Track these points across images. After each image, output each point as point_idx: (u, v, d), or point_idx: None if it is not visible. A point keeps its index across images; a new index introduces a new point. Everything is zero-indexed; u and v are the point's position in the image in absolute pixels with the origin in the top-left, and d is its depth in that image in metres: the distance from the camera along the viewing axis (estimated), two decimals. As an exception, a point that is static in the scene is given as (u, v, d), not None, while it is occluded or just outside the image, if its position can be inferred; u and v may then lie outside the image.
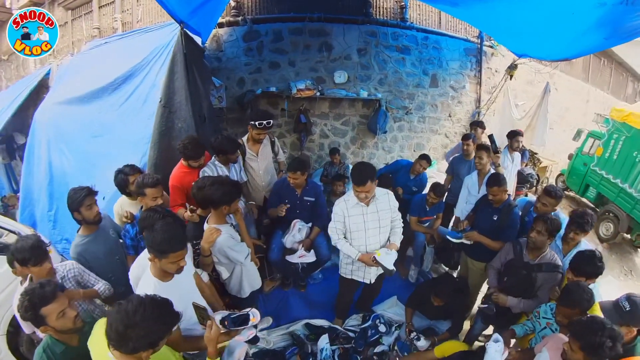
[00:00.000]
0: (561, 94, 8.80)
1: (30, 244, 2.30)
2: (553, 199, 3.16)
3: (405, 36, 6.90)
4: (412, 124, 7.26)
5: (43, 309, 1.85)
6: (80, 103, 5.13)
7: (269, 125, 3.81)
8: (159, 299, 1.67)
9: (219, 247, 2.75)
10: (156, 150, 3.99)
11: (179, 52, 4.10)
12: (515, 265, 2.95)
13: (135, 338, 1.52)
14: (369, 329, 3.64)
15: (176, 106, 4.05)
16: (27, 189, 5.42)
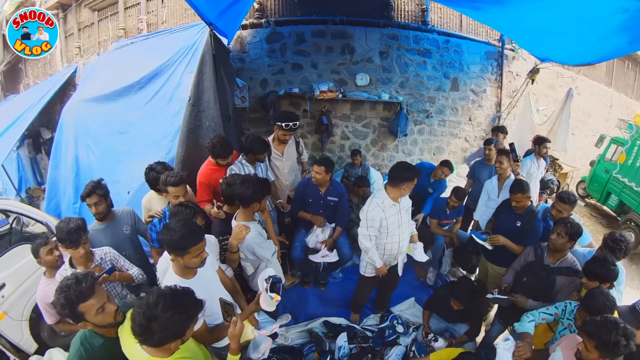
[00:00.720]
0: (583, 98, 8.67)
1: (69, 227, 2.45)
2: (567, 204, 3.20)
3: (427, 39, 6.89)
4: (433, 127, 7.25)
5: (81, 306, 1.77)
6: (107, 101, 5.29)
7: (295, 126, 3.90)
8: (179, 289, 1.68)
9: (247, 244, 2.82)
10: (184, 147, 4.10)
11: (208, 52, 4.19)
12: (535, 267, 2.97)
13: (159, 330, 1.53)
14: (386, 329, 3.69)
15: (204, 105, 4.14)
16: (53, 181, 5.61)
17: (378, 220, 3.08)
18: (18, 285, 3.54)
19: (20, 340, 3.47)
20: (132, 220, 3.28)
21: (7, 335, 3.38)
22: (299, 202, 3.93)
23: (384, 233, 3.16)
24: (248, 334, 2.85)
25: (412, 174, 3.07)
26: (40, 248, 2.75)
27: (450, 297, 3.35)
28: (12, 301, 3.48)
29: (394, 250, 3.27)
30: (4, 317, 3.40)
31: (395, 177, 3.06)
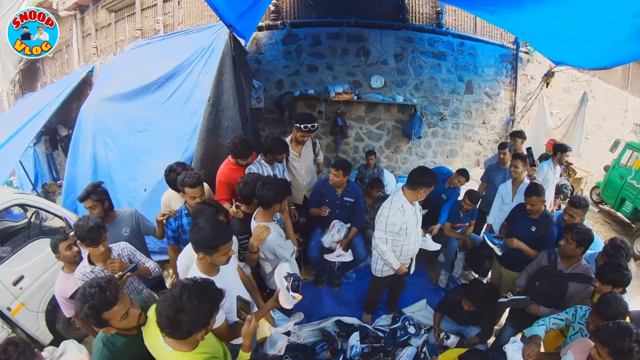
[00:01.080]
0: (598, 102, 8.58)
1: (89, 226, 2.46)
2: (578, 208, 3.19)
3: (441, 42, 6.90)
4: (446, 130, 7.25)
5: (106, 313, 1.74)
6: (125, 100, 5.38)
7: (313, 128, 3.95)
8: (200, 280, 1.72)
9: (268, 244, 2.87)
10: (203, 146, 4.17)
11: (227, 54, 4.25)
12: (547, 272, 2.96)
13: (187, 321, 1.57)
14: (398, 330, 3.72)
15: (224, 105, 4.21)
16: (70, 177, 5.73)
17: (399, 224, 3.10)
18: (36, 278, 3.62)
19: (36, 331, 3.55)
20: (133, 222, 3.29)
21: (24, 326, 3.46)
22: (316, 203, 3.97)
23: (402, 235, 3.18)
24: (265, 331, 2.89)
25: (431, 179, 3.09)
26: (60, 243, 2.80)
27: (463, 298, 3.36)
28: (29, 293, 3.56)
29: (410, 250, 3.31)
30: (22, 308, 3.47)
31: (414, 182, 3.08)
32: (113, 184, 5.17)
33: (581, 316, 2.50)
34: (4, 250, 3.91)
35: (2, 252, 3.83)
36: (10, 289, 3.42)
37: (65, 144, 8.90)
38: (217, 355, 1.88)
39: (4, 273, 3.43)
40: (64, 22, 9.41)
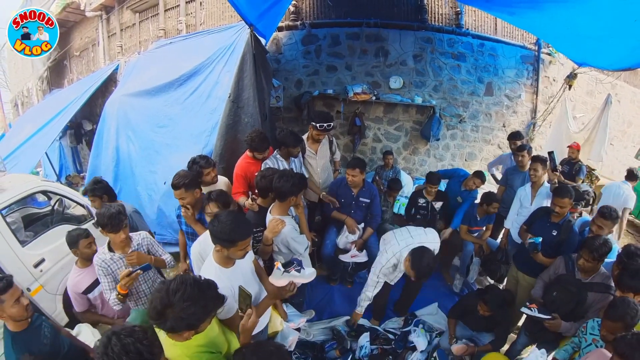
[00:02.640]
0: (623, 106, 8.30)
1: (111, 212, 2.53)
2: (608, 220, 3.08)
3: (461, 43, 6.82)
4: (465, 132, 7.16)
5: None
6: (148, 96, 5.54)
7: (329, 127, 3.96)
8: (202, 281, 1.65)
9: (282, 237, 2.89)
10: (222, 141, 4.29)
11: (248, 52, 4.34)
12: (565, 281, 2.88)
13: (172, 318, 1.52)
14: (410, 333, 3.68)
15: (244, 102, 4.30)
16: (93, 168, 5.92)
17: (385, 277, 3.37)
18: (56, 262, 3.72)
19: (53, 312, 3.63)
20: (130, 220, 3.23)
21: (42, 307, 3.52)
22: None
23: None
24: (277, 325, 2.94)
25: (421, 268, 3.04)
26: (81, 240, 2.86)
27: (479, 302, 3.29)
28: (49, 276, 3.65)
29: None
30: (41, 290, 3.56)
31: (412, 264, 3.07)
32: (134, 176, 5.36)
33: (591, 327, 2.47)
34: (27, 234, 4.12)
35: (26, 236, 4.02)
36: (31, 271, 3.52)
37: (89, 138, 9.20)
38: (212, 349, 1.84)
39: (26, 255, 3.53)
40: (90, 22, 9.74)
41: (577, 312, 2.76)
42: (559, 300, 2.81)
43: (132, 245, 2.73)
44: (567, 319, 2.77)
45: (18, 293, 2.07)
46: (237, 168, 3.71)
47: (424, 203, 4.45)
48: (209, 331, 1.78)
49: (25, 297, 2.12)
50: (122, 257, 2.64)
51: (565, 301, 2.78)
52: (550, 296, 2.90)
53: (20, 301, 2.06)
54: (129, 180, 5.46)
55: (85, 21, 9.88)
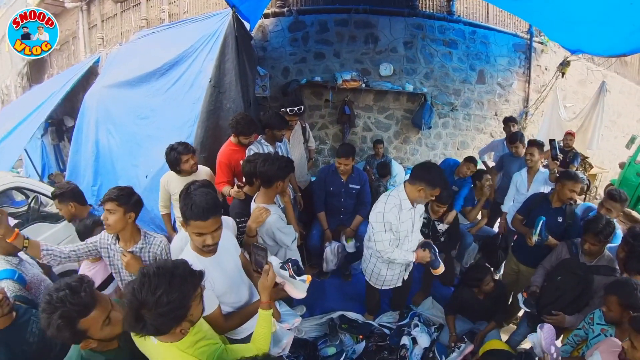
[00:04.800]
0: (614, 97, 8.21)
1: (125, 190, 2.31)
2: (617, 202, 2.97)
3: (452, 30, 6.70)
4: (457, 121, 7.04)
5: (82, 322, 1.40)
6: (129, 87, 5.34)
7: (300, 111, 3.82)
8: (166, 264, 1.41)
9: (267, 227, 2.68)
10: (203, 129, 4.11)
11: (230, 35, 4.20)
12: (570, 265, 2.75)
13: (152, 317, 1.28)
14: (405, 327, 3.51)
15: (226, 87, 4.16)
16: (73, 165, 5.75)
17: (396, 223, 2.74)
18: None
19: None
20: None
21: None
22: (321, 191, 3.81)
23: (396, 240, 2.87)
24: (269, 326, 2.71)
25: (435, 178, 2.62)
26: (97, 228, 2.66)
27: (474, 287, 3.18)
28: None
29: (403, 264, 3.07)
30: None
31: (415, 175, 2.70)
32: (115, 171, 5.15)
33: (599, 317, 2.35)
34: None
35: (1, 235, 3.82)
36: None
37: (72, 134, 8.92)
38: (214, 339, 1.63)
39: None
40: (70, 13, 9.45)
41: (584, 297, 2.63)
42: (564, 285, 2.68)
43: (138, 245, 2.32)
44: (572, 306, 2.64)
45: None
46: (221, 156, 3.53)
47: (425, 218, 3.64)
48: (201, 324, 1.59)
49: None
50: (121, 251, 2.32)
51: (571, 286, 2.64)
52: (554, 282, 2.76)
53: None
54: (110, 175, 5.24)
55: (65, 13, 9.56)
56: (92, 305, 1.40)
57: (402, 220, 2.75)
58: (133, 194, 2.32)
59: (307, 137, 4.32)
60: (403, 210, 2.73)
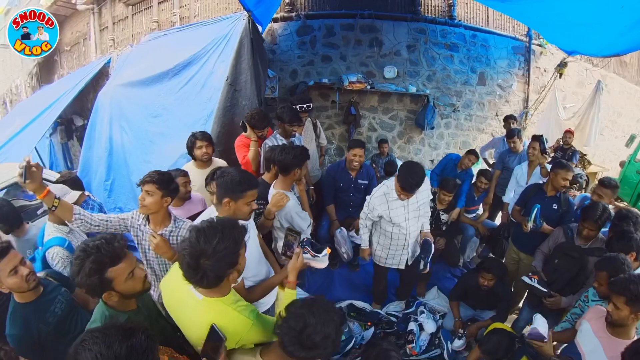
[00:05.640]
0: (613, 97, 8.43)
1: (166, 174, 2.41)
2: (607, 188, 3.22)
3: (454, 34, 6.93)
4: (459, 121, 7.27)
5: (111, 270, 1.54)
6: (142, 86, 5.48)
7: (308, 108, 4.02)
8: (215, 220, 1.59)
9: (287, 211, 2.82)
10: (220, 124, 4.29)
11: (246, 36, 4.38)
12: (566, 248, 2.95)
13: (211, 265, 1.44)
14: (412, 315, 3.70)
15: (241, 85, 4.34)
16: (86, 160, 5.83)
17: (379, 210, 3.10)
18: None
19: None
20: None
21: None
22: (330, 187, 4.01)
23: (389, 224, 3.18)
24: (284, 306, 2.92)
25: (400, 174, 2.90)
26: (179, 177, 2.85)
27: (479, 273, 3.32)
28: None
29: (400, 240, 3.26)
30: None
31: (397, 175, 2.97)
32: (127, 167, 5.30)
33: (593, 294, 2.52)
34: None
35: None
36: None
37: (81, 133, 9.05)
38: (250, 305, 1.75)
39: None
40: (82, 15, 9.62)
41: (580, 278, 2.82)
42: (561, 267, 2.88)
43: (168, 228, 2.36)
44: (569, 287, 2.84)
45: (15, 262, 1.85)
46: (238, 141, 3.73)
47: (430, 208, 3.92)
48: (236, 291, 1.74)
49: (26, 266, 1.89)
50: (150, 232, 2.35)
51: (567, 267, 2.84)
52: (551, 264, 2.97)
53: (18, 271, 1.84)
54: (123, 171, 5.38)
55: (76, 15, 9.75)
56: (122, 256, 1.57)
57: (392, 208, 3.10)
58: (173, 181, 2.39)
59: (319, 133, 4.51)
60: (391, 200, 3.07)
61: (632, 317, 1.92)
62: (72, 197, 2.67)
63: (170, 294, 1.72)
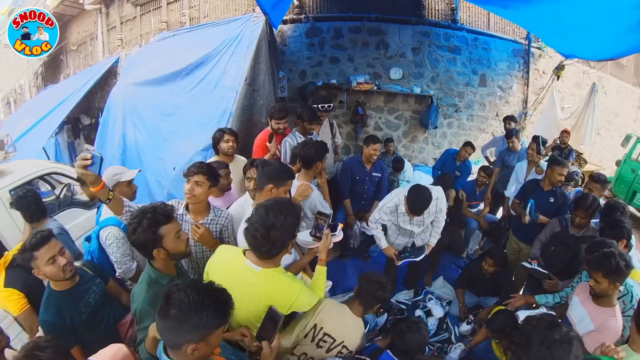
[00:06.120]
0: (610, 98, 8.71)
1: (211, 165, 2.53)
2: (597, 182, 3.47)
3: (456, 37, 7.16)
4: (461, 121, 7.50)
5: (163, 228, 1.77)
6: (154, 85, 5.59)
7: (329, 108, 4.22)
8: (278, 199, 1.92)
9: (311, 200, 3.02)
10: (238, 122, 4.45)
11: (264, 39, 4.57)
12: (561, 237, 3.18)
13: (279, 235, 1.70)
14: (420, 302, 3.94)
15: (259, 85, 4.51)
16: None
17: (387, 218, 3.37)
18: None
19: None
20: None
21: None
22: (347, 179, 4.19)
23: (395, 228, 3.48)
24: (307, 284, 3.11)
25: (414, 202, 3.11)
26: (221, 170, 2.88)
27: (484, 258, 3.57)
28: None
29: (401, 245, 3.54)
30: None
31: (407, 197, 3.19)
32: (141, 163, 5.34)
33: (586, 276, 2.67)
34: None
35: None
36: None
37: (88, 132, 9.18)
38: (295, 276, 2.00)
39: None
40: (89, 15, 9.69)
41: (574, 264, 3.01)
42: (557, 254, 3.08)
43: (208, 217, 2.47)
44: (564, 271, 3.05)
45: (54, 251, 1.91)
46: (258, 140, 3.90)
47: None
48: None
49: (64, 256, 1.95)
50: (191, 222, 2.42)
51: (562, 254, 3.04)
52: (548, 251, 3.19)
53: (56, 260, 1.91)
54: (136, 167, 5.38)
55: (84, 15, 9.82)
56: (171, 217, 1.84)
57: (401, 220, 3.35)
58: (217, 172, 2.53)
59: (334, 133, 4.69)
60: (400, 212, 3.30)
61: (611, 287, 2.14)
62: (130, 174, 2.80)
63: (222, 273, 1.86)
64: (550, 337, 1.44)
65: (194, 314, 1.23)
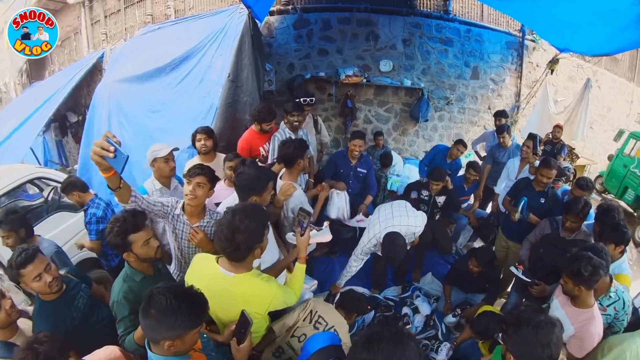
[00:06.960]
0: (604, 92, 8.65)
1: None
2: (585, 191, 3.42)
3: (448, 28, 7.02)
4: (452, 114, 7.38)
5: (132, 236, 1.96)
6: (139, 81, 5.47)
7: (311, 102, 4.14)
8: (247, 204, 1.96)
9: (294, 200, 2.91)
10: (222, 120, 4.34)
11: (247, 33, 4.43)
12: (551, 239, 3.11)
13: (243, 239, 1.74)
14: (408, 299, 3.86)
15: (242, 81, 4.37)
16: (85, 158, 5.73)
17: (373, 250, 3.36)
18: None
19: None
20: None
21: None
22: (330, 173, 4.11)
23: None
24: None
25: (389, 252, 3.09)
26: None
27: (471, 259, 3.52)
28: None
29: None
30: None
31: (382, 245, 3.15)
32: (129, 163, 5.18)
33: None
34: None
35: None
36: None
37: (75, 130, 9.00)
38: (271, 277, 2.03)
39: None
40: (73, 9, 9.46)
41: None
42: (545, 256, 3.02)
43: (205, 219, 2.46)
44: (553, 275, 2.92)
45: (39, 269, 1.95)
46: (242, 142, 3.80)
47: (426, 196, 4.19)
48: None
49: (50, 273, 2.00)
50: (188, 224, 2.42)
51: (551, 257, 2.96)
52: (537, 254, 3.12)
53: (42, 277, 1.95)
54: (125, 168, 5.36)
55: (67, 9, 9.57)
56: (141, 226, 2.01)
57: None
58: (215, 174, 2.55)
59: (319, 129, 4.58)
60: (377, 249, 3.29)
61: (577, 289, 2.14)
62: (166, 150, 3.02)
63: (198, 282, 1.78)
64: (536, 318, 1.64)
65: (170, 315, 1.38)
